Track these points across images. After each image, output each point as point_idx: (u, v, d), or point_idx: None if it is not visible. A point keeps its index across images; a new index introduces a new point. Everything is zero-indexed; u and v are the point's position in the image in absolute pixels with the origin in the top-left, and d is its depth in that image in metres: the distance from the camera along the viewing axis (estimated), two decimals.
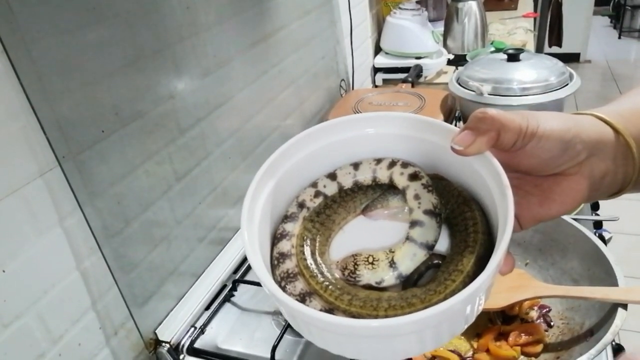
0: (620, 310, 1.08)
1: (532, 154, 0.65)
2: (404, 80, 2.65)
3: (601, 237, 1.51)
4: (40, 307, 1.09)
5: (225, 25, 1.64)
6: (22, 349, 1.06)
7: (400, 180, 0.72)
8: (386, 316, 0.58)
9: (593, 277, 1.24)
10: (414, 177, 0.71)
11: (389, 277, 0.65)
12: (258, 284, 1.58)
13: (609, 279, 1.18)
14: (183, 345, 1.43)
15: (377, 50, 3.29)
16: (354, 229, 0.75)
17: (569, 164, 0.66)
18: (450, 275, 0.61)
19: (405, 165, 0.73)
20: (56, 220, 1.11)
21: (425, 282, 0.64)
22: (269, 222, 0.71)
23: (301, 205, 0.73)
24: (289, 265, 0.67)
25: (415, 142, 0.73)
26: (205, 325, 1.49)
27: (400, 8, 3.05)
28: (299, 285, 0.65)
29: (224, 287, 1.62)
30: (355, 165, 0.75)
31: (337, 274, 0.67)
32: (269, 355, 1.31)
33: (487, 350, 1.20)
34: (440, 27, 3.36)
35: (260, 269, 0.61)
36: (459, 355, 1.21)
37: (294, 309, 0.57)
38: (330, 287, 0.63)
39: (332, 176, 0.75)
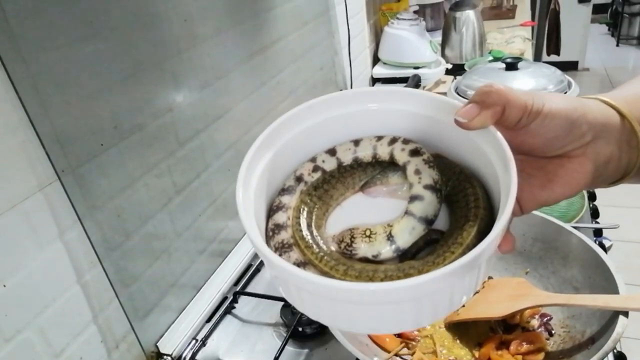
0: (621, 317, 1.08)
1: (537, 133, 0.64)
2: None
3: (601, 245, 1.51)
4: (41, 321, 1.09)
5: (223, 37, 1.64)
6: None
7: (401, 156, 0.71)
8: None
9: (594, 285, 1.24)
10: (415, 152, 0.70)
11: (386, 251, 0.64)
12: (259, 296, 1.59)
13: (610, 286, 1.18)
14: (185, 358, 1.42)
15: (375, 60, 3.29)
16: (352, 206, 0.74)
17: (574, 145, 0.65)
18: (450, 247, 0.60)
19: (406, 141, 0.72)
20: (56, 234, 1.11)
21: (424, 256, 0.63)
22: (265, 195, 0.70)
23: (299, 179, 0.73)
24: (284, 236, 0.66)
25: (417, 119, 0.72)
26: (206, 337, 1.48)
27: (398, 18, 3.06)
28: (294, 255, 0.64)
29: (224, 299, 1.61)
30: (356, 142, 0.75)
31: (333, 247, 0.66)
32: None
33: (489, 359, 1.20)
34: (438, 37, 3.36)
35: (254, 232, 0.60)
36: None
37: (286, 271, 0.56)
38: (325, 257, 0.63)
39: (332, 152, 0.75)
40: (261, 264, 1.75)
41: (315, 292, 0.57)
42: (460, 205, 0.66)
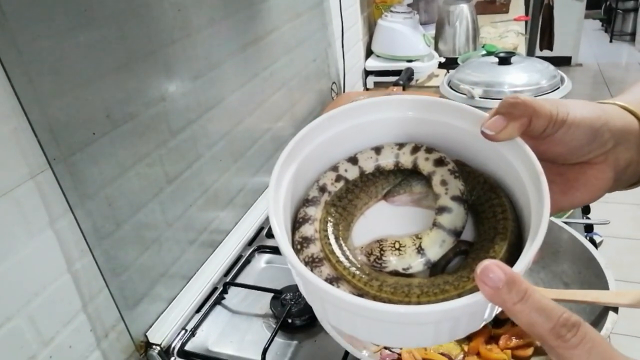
0: (611, 313, 1.08)
1: (561, 142, 0.64)
2: (395, 84, 2.65)
3: (592, 241, 1.52)
4: (31, 309, 1.09)
5: (217, 28, 1.64)
6: (13, 351, 1.06)
7: (426, 166, 0.71)
8: (419, 302, 0.58)
9: (584, 280, 1.24)
10: (439, 162, 0.70)
11: (416, 264, 0.64)
12: (249, 287, 1.59)
13: (600, 282, 1.18)
14: (174, 348, 1.42)
15: (369, 53, 3.29)
16: (376, 215, 0.74)
17: (596, 153, 0.66)
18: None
19: (429, 150, 0.72)
20: (47, 223, 1.11)
21: (455, 269, 0.64)
22: (290, 205, 0.70)
23: (322, 189, 0.72)
24: (314, 249, 0.66)
25: (437, 126, 0.72)
26: (196, 327, 1.49)
27: (391, 11, 3.06)
28: (326, 271, 0.64)
29: (214, 289, 1.61)
30: (377, 150, 0.74)
31: (362, 259, 0.66)
32: (259, 358, 1.32)
33: (478, 354, 1.20)
34: (431, 30, 3.36)
35: (291, 255, 0.59)
36: (449, 358, 1.21)
37: (327, 293, 0.56)
38: (357, 272, 0.62)
39: (353, 160, 0.74)
40: (252, 255, 1.75)
41: (357, 313, 0.57)
42: (487, 215, 0.67)
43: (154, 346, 1.41)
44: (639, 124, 0.68)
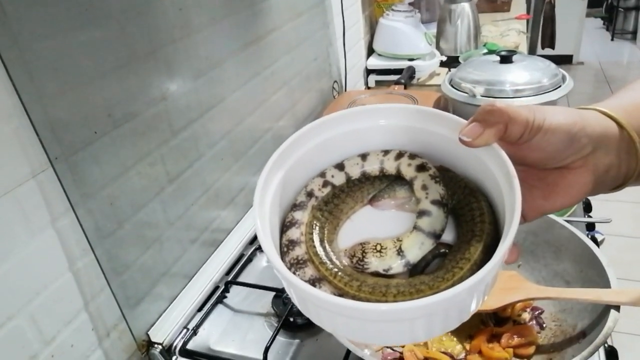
0: (612, 312, 1.08)
1: (538, 147, 0.66)
2: (397, 82, 2.65)
3: (594, 239, 1.51)
4: (32, 308, 1.09)
5: (218, 27, 1.64)
6: (15, 350, 1.06)
7: (408, 171, 0.73)
8: (395, 302, 0.59)
9: (585, 278, 1.24)
10: (421, 168, 0.72)
11: (396, 265, 0.66)
12: (251, 286, 1.59)
13: (602, 280, 1.18)
14: (175, 347, 1.42)
15: (370, 51, 3.29)
16: (361, 219, 0.76)
17: (574, 158, 0.67)
18: (458, 263, 0.62)
19: (412, 156, 0.74)
20: (49, 222, 1.11)
21: (433, 270, 0.65)
22: (278, 210, 0.72)
23: (310, 195, 0.74)
24: (299, 252, 0.68)
25: (422, 134, 0.74)
26: (197, 326, 1.49)
27: (393, 10, 3.05)
28: (309, 272, 0.66)
29: (216, 288, 1.61)
30: (363, 156, 0.76)
31: (345, 262, 0.68)
32: (261, 357, 1.32)
33: (480, 352, 1.20)
34: (433, 29, 3.35)
35: (274, 256, 0.62)
36: (451, 357, 1.21)
37: (306, 292, 0.58)
38: (339, 273, 0.65)
39: (340, 166, 0.76)
40: (253, 254, 1.75)
41: (335, 311, 0.59)
42: (466, 219, 0.69)
43: (155, 345, 1.41)
44: (618, 129, 0.69)
